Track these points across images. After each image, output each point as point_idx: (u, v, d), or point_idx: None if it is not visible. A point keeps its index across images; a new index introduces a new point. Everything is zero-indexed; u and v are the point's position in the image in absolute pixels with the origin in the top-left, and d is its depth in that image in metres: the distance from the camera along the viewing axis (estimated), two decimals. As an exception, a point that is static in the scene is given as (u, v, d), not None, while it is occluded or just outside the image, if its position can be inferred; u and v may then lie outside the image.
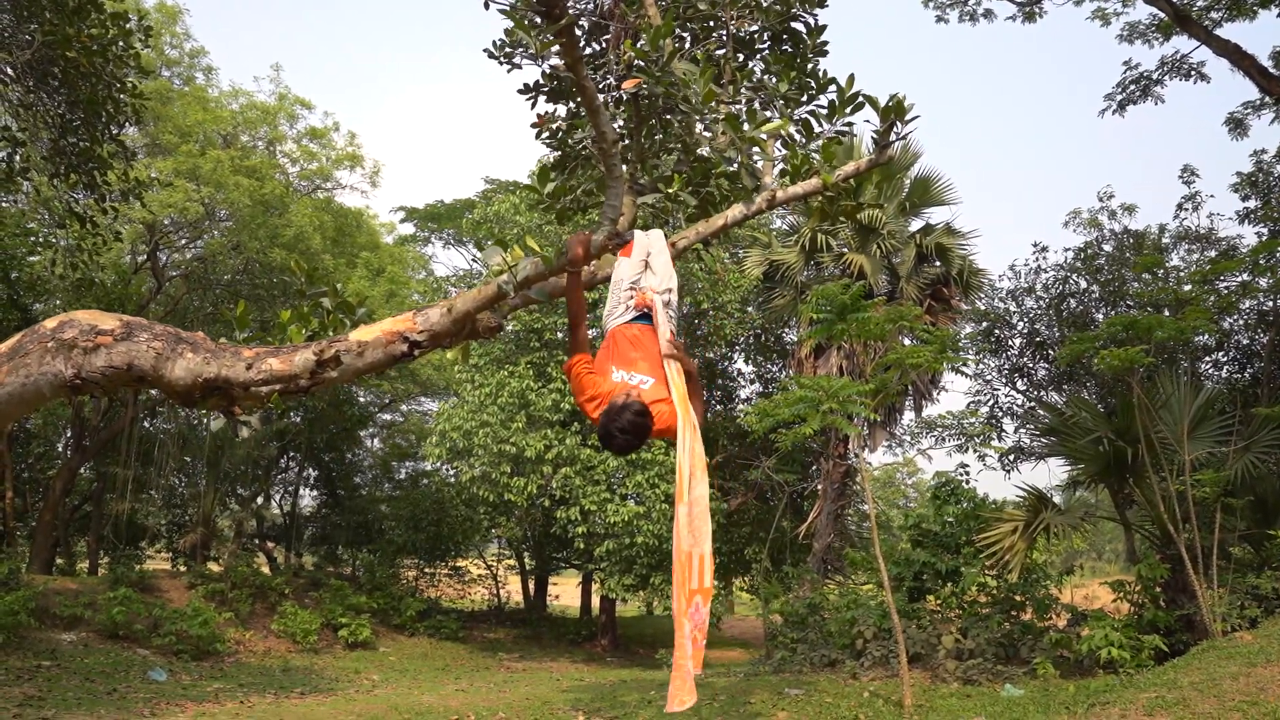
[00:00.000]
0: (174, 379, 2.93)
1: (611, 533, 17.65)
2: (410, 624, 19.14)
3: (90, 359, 2.87)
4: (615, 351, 3.96)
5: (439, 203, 26.46)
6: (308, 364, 3.02)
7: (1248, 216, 15.75)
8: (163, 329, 3.03)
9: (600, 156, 3.37)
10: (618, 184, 3.21)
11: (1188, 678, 6.89)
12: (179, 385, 2.93)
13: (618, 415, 3.69)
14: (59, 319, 2.95)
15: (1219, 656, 7.37)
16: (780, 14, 5.88)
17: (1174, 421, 10.51)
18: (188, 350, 2.97)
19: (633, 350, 3.93)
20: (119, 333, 2.93)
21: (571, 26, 2.92)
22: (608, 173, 3.20)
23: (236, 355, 3.01)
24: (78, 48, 7.28)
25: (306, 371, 3.01)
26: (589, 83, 3.06)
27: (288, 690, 11.72)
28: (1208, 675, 6.77)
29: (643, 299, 3.94)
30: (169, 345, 2.96)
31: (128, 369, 2.90)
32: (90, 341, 2.88)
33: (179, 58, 16.82)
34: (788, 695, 10.54)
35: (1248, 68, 11.04)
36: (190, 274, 17.92)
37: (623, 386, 3.81)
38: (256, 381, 2.95)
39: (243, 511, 21.63)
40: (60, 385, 2.86)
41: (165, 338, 2.98)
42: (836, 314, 9.36)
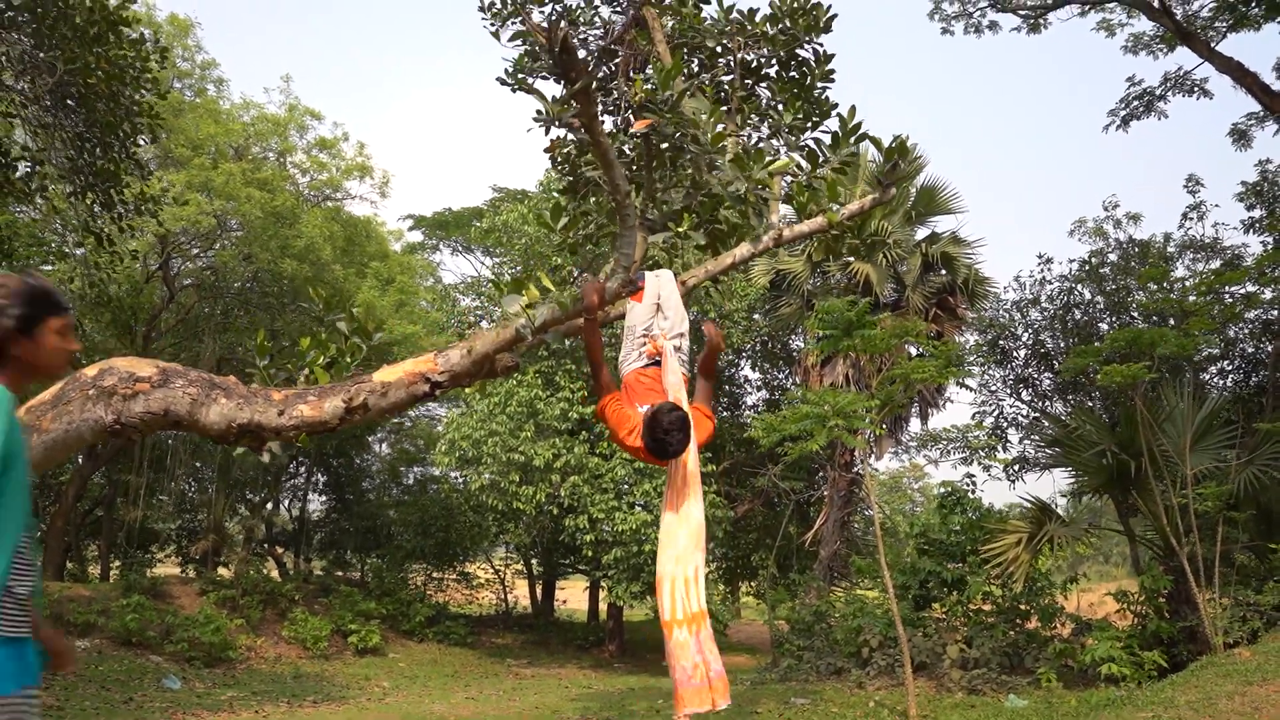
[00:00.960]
0: (209, 423, 3.07)
1: (619, 540, 17.78)
2: (419, 630, 19.29)
3: (129, 405, 3.01)
4: (634, 396, 4.10)
5: (447, 210, 26.61)
6: (337, 411, 3.16)
7: (1253, 226, 15.82)
8: (197, 375, 3.17)
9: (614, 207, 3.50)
10: (631, 233, 3.34)
11: (1184, 696, 6.99)
12: (214, 429, 3.07)
13: (658, 421, 3.76)
14: (99, 366, 3.09)
15: (1217, 674, 7.47)
16: (785, 43, 6.02)
17: (1177, 434, 10.60)
18: (221, 396, 3.11)
19: (651, 395, 4.07)
20: (156, 380, 3.07)
21: (588, 89, 3.05)
22: (621, 223, 3.33)
23: (268, 400, 3.15)
24: (98, 74, 7.44)
25: (336, 418, 3.15)
26: (604, 139, 3.18)
27: (300, 698, 11.87)
28: (1204, 694, 6.87)
29: (655, 347, 4.08)
30: (203, 391, 3.10)
31: (164, 414, 3.04)
32: (129, 389, 3.02)
33: (190, 70, 17.00)
34: (794, 704, 10.65)
35: (1249, 85, 11.14)
36: (201, 283, 18.11)
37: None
38: (288, 428, 3.08)
39: (252, 517, 21.80)
40: (101, 430, 3.00)
41: (200, 384, 3.12)
42: (842, 330, 9.48)
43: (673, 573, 3.88)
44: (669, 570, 3.90)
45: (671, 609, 3.85)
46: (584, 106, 3.08)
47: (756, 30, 5.99)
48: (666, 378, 4.05)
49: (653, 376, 4.11)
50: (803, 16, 5.82)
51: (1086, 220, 16.86)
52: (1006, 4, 13.96)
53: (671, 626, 3.83)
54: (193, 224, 14.95)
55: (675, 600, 3.84)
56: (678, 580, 3.86)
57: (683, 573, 3.86)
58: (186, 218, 14.58)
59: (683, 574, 3.85)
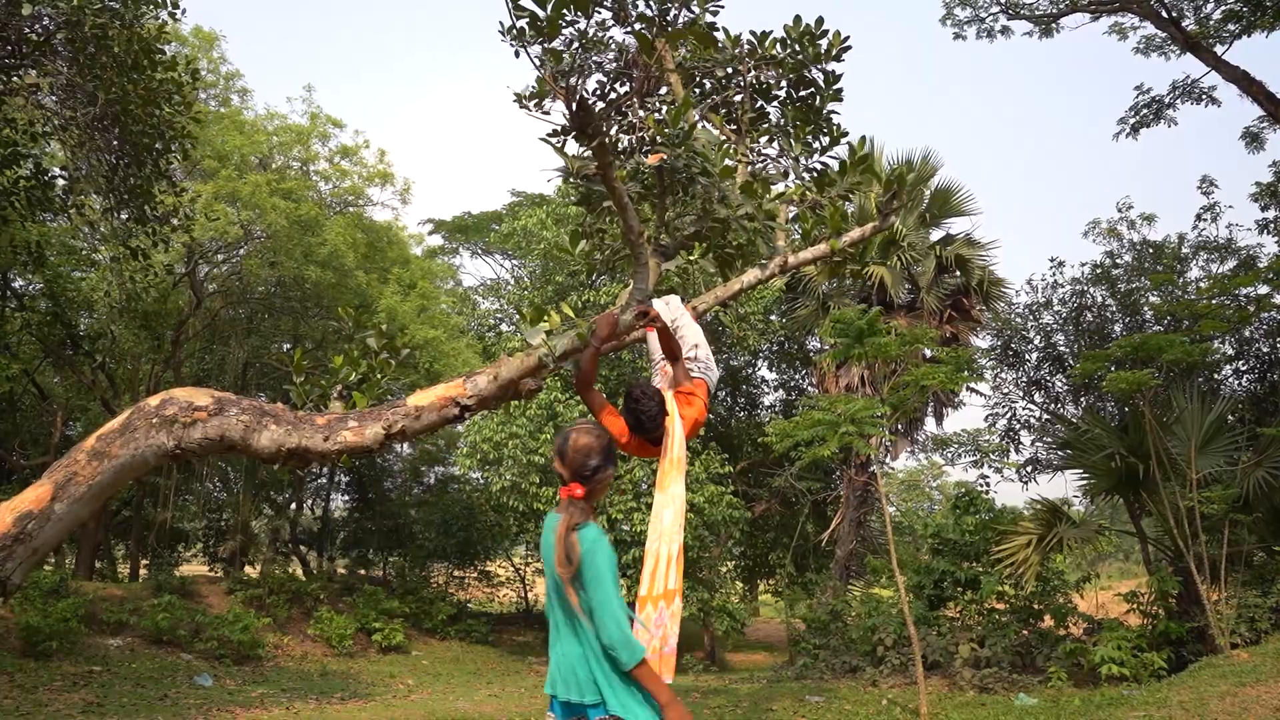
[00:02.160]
0: (260, 448, 3.36)
1: (638, 541, 18.03)
2: (441, 628, 19.62)
3: (189, 432, 3.30)
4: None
5: (466, 214, 26.96)
6: (378, 437, 3.44)
7: (1267, 226, 15.90)
8: (249, 404, 3.45)
9: (628, 246, 3.76)
10: (644, 270, 3.60)
11: (1177, 696, 7.19)
12: (265, 453, 3.36)
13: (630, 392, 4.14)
14: (161, 397, 3.38)
15: (1212, 674, 7.66)
16: (794, 67, 6.24)
17: (1186, 437, 10.76)
18: (271, 422, 3.40)
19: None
20: (212, 409, 3.36)
21: (605, 144, 3.31)
22: (635, 260, 3.60)
23: (314, 425, 3.43)
24: (135, 100, 7.77)
25: (376, 442, 3.43)
26: (619, 186, 3.44)
27: (328, 695, 12.21)
28: (1197, 694, 7.06)
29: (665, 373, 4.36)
30: (255, 418, 3.38)
31: (220, 439, 3.33)
32: (189, 417, 3.31)
33: (215, 81, 17.39)
34: (808, 702, 10.89)
35: (1255, 93, 11.27)
36: (227, 289, 18.51)
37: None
38: (332, 452, 3.37)
39: (278, 518, 22.23)
40: (163, 455, 3.29)
41: (252, 411, 3.41)
42: (854, 338, 9.70)
43: (656, 550, 4.03)
44: (652, 548, 4.06)
45: (650, 586, 3.98)
46: (601, 159, 3.34)
47: (766, 54, 6.22)
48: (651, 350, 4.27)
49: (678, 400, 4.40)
50: (812, 43, 6.04)
51: (1100, 222, 16.97)
52: (1018, 10, 14.12)
53: (645, 601, 3.95)
54: (220, 234, 15.33)
55: (655, 578, 3.98)
56: (660, 558, 3.99)
57: (665, 550, 3.99)
58: (215, 228, 14.96)
59: (665, 551, 3.99)
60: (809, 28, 6.25)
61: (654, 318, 3.80)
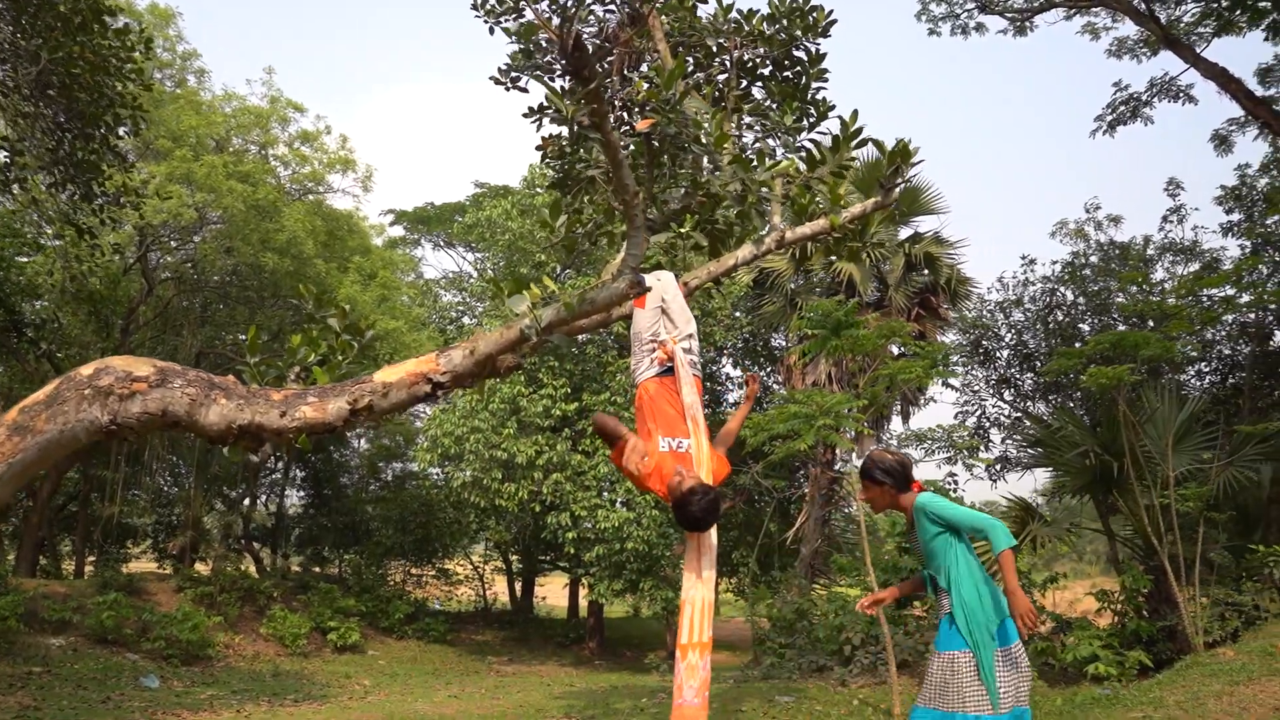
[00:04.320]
0: (208, 424, 3.01)
1: (601, 538, 17.74)
2: (399, 627, 19.20)
3: (126, 405, 2.94)
4: (655, 411, 4.12)
5: (429, 205, 26.47)
6: (341, 412, 3.10)
7: (1230, 230, 15.99)
8: (196, 374, 3.10)
9: (622, 208, 3.46)
10: (638, 234, 3.31)
11: (1173, 695, 7.06)
12: (213, 430, 3.01)
13: (689, 507, 3.95)
14: (94, 366, 3.02)
15: (1203, 673, 7.54)
16: (783, 43, 6.00)
17: (1158, 435, 10.69)
18: (221, 396, 3.05)
19: (669, 408, 4.09)
20: (154, 379, 3.01)
21: (600, 88, 3.01)
22: (629, 223, 3.30)
23: (268, 400, 3.09)
24: (81, 64, 7.31)
25: (340, 419, 3.10)
26: (614, 138, 3.15)
27: (281, 697, 11.76)
28: (1192, 693, 6.94)
29: (666, 353, 4.07)
30: (203, 391, 3.03)
31: (162, 415, 2.98)
32: (126, 388, 2.95)
33: (171, 60, 16.77)
34: (778, 702, 10.65)
35: (1234, 91, 11.25)
36: (180, 276, 17.89)
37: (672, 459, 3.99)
38: (290, 429, 3.03)
39: (230, 513, 21.59)
40: (96, 431, 2.93)
41: (199, 384, 3.05)
42: (830, 329, 9.49)
43: (694, 597, 3.99)
44: (690, 595, 4.01)
45: (690, 633, 3.96)
46: (596, 105, 3.04)
47: (754, 30, 5.97)
48: (684, 394, 4.10)
49: (669, 389, 4.12)
50: (800, 18, 5.80)
51: (1068, 222, 16.98)
52: (993, 6, 14.02)
53: (687, 650, 3.95)
54: (173, 216, 14.76)
55: (694, 626, 3.96)
56: (698, 605, 3.98)
57: (702, 596, 3.98)
58: (168, 210, 14.40)
59: (702, 598, 3.98)
60: (795, 4, 6.01)
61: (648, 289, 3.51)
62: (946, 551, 4.26)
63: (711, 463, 4.13)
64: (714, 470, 4.16)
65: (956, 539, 4.27)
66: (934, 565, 4.33)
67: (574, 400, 18.77)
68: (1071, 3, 13.48)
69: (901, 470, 4.37)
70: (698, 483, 3.99)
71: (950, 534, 4.26)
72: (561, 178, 6.31)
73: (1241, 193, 15.90)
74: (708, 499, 3.97)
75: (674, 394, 4.11)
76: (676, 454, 4.06)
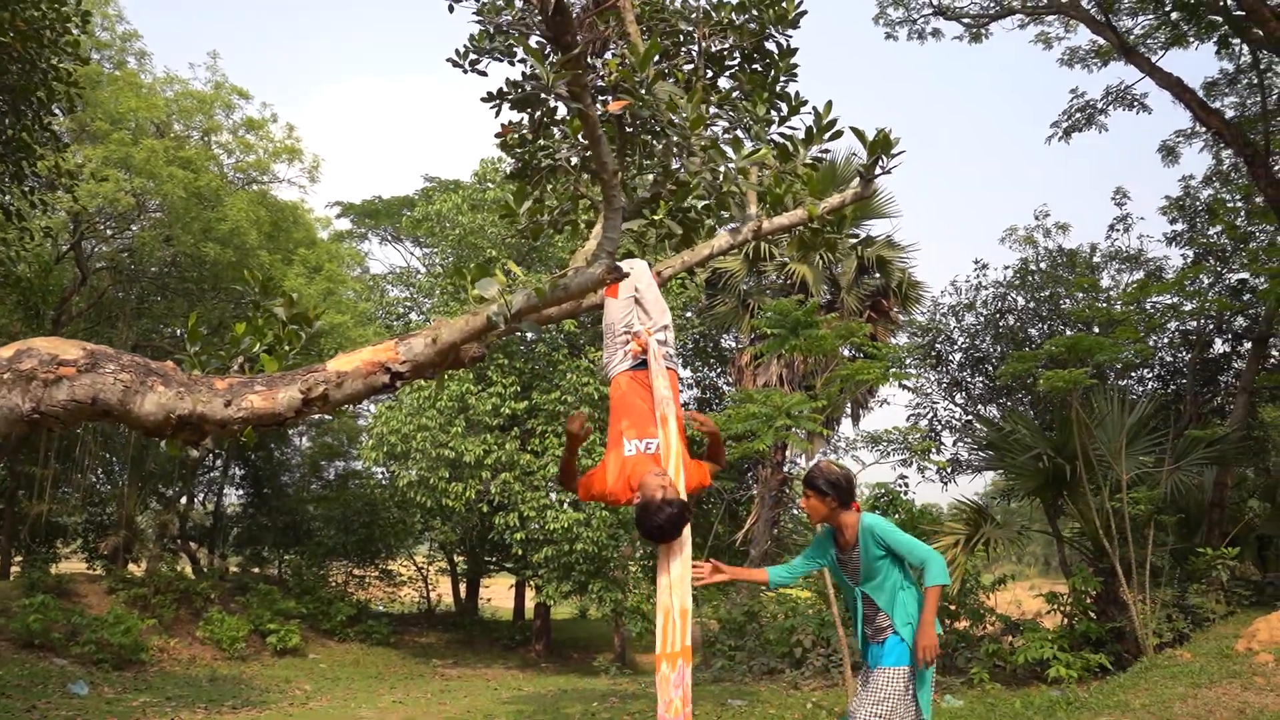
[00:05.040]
0: (143, 414, 2.75)
1: (550, 539, 17.49)
2: (340, 629, 18.74)
3: (51, 392, 2.67)
4: (627, 408, 3.90)
5: (376, 199, 25.96)
6: (293, 402, 2.86)
7: (1174, 239, 16.31)
8: (130, 359, 2.84)
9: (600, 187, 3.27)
10: (616, 215, 3.11)
11: (1138, 699, 7.08)
12: (149, 421, 2.75)
13: (655, 513, 3.76)
14: (15, 347, 2.74)
15: (1163, 676, 7.58)
16: (754, 34, 5.85)
17: (1109, 439, 10.80)
18: (159, 383, 2.79)
19: (642, 404, 3.89)
20: (83, 363, 2.74)
21: (581, 55, 2.82)
22: (607, 204, 3.11)
23: (211, 389, 2.84)
24: (11, 33, 6.90)
25: (291, 409, 2.86)
26: (593, 112, 2.96)
27: (218, 703, 11.33)
28: (1156, 697, 6.96)
29: (639, 345, 3.88)
30: (138, 378, 2.77)
31: (92, 403, 2.71)
32: (51, 373, 2.68)
33: (110, 40, 16.14)
34: (731, 706, 10.54)
35: (1189, 100, 11.41)
36: (117, 266, 17.24)
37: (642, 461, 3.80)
38: (236, 420, 2.78)
39: (166, 512, 20.88)
40: (16, 419, 2.66)
41: (134, 369, 2.79)
42: (789, 329, 9.39)
43: (667, 604, 3.82)
44: (664, 601, 3.83)
45: (665, 642, 3.79)
46: (576, 75, 2.85)
47: (723, 19, 5.82)
48: (656, 387, 3.90)
49: (642, 383, 3.93)
50: (771, 8, 5.66)
51: (1018, 229, 17.20)
52: (950, 12, 14.08)
53: (661, 660, 3.78)
54: (109, 202, 14.17)
55: (669, 634, 3.78)
56: (672, 613, 3.81)
57: (678, 603, 3.82)
58: (104, 195, 13.81)
59: (679, 604, 3.82)
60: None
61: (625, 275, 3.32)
62: (890, 573, 4.39)
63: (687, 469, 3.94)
64: (691, 477, 3.96)
65: (898, 563, 4.40)
66: (872, 584, 4.44)
67: (524, 399, 18.49)
68: (1028, 10, 13.59)
69: (847, 486, 4.45)
70: (666, 494, 3.77)
71: (893, 558, 4.38)
72: (521, 167, 6.09)
73: (1185, 203, 16.24)
74: (671, 513, 3.76)
75: (647, 389, 3.92)
76: (648, 455, 3.86)
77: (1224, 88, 14.52)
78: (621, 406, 3.92)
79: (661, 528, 3.76)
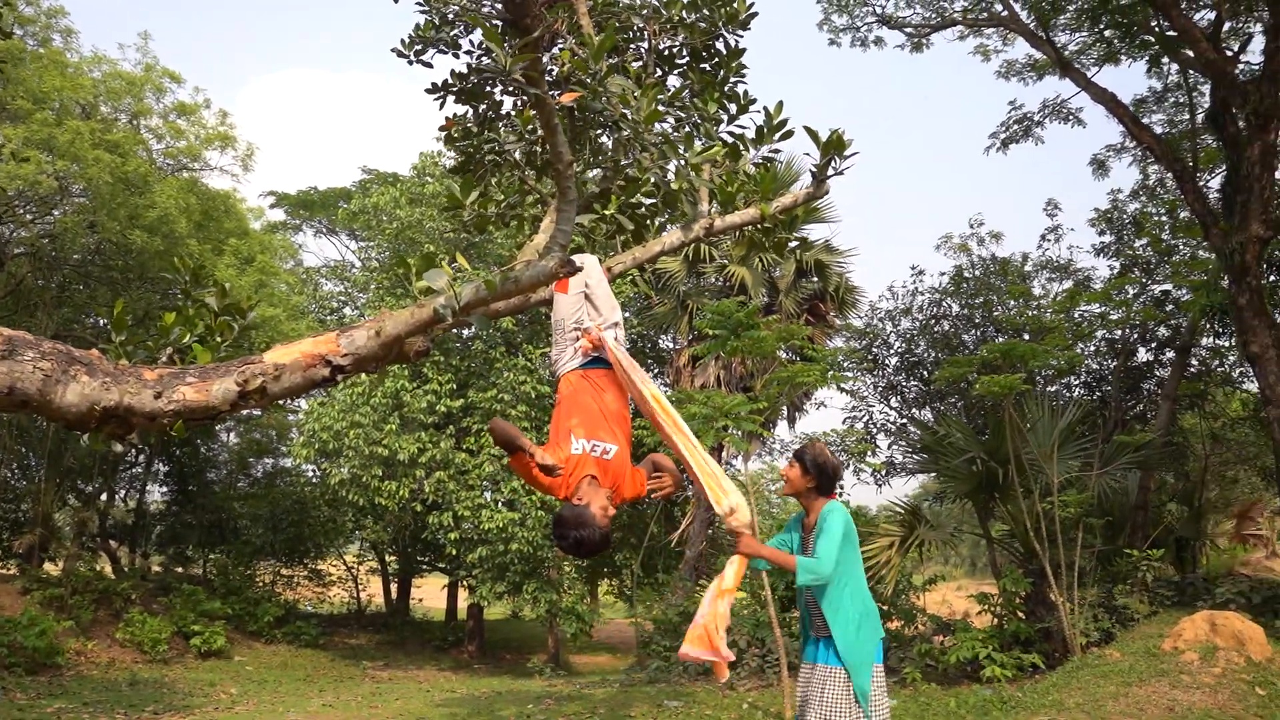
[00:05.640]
0: (65, 405, 2.59)
1: (485, 539, 17.30)
2: (267, 631, 18.28)
3: (-35, 380, 2.51)
4: (576, 407, 3.79)
5: (312, 190, 25.40)
6: (228, 395, 2.72)
7: (1102, 251, 16.77)
8: (52, 346, 2.68)
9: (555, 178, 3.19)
10: (570, 208, 3.04)
11: (1071, 698, 7.23)
12: (71, 412, 2.60)
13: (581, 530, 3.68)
14: (-73, 332, 2.57)
15: (1094, 675, 7.76)
16: (704, 32, 5.82)
17: (1039, 443, 11.03)
18: (82, 373, 2.63)
19: (592, 403, 3.79)
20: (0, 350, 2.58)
21: (540, 40, 2.74)
22: (561, 195, 3.03)
23: (140, 380, 2.69)
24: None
25: (226, 402, 2.72)
26: (550, 100, 2.88)
27: (138, 708, 10.94)
28: (1089, 695, 7.12)
29: (591, 341, 3.79)
30: (59, 366, 2.61)
31: (9, 392, 2.54)
32: (-35, 360, 2.51)
33: (35, 16, 15.49)
34: (667, 707, 10.51)
35: (1121, 115, 11.72)
36: (37, 252, 16.56)
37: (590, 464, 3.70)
38: (166, 412, 2.64)
39: (85, 509, 20.15)
40: (-73, 409, 2.49)
41: (55, 357, 2.63)
42: (731, 330, 9.40)
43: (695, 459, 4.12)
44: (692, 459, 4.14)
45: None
46: (532, 61, 2.76)
47: (674, 16, 5.78)
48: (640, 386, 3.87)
49: (594, 383, 3.83)
50: (723, 6, 5.64)
51: (953, 236, 17.52)
52: (893, 21, 14.27)
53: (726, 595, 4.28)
54: (30, 185, 13.59)
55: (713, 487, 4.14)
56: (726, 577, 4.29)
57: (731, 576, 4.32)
58: (24, 177, 13.24)
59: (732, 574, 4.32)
60: (716, -9, 5.84)
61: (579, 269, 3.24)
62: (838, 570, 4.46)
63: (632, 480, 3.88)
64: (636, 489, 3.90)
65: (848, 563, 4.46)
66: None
67: (460, 396, 18.26)
68: (968, 22, 13.84)
69: (831, 475, 4.54)
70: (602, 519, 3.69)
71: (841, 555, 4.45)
72: (465, 161, 5.97)
73: (1113, 216, 16.72)
74: (595, 541, 3.70)
75: (598, 389, 3.83)
76: (594, 459, 3.74)
77: (1154, 105, 14.98)
78: (571, 404, 3.82)
79: (579, 545, 3.70)
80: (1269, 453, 11.82)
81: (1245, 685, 7.36)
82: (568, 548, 3.74)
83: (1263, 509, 17.67)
